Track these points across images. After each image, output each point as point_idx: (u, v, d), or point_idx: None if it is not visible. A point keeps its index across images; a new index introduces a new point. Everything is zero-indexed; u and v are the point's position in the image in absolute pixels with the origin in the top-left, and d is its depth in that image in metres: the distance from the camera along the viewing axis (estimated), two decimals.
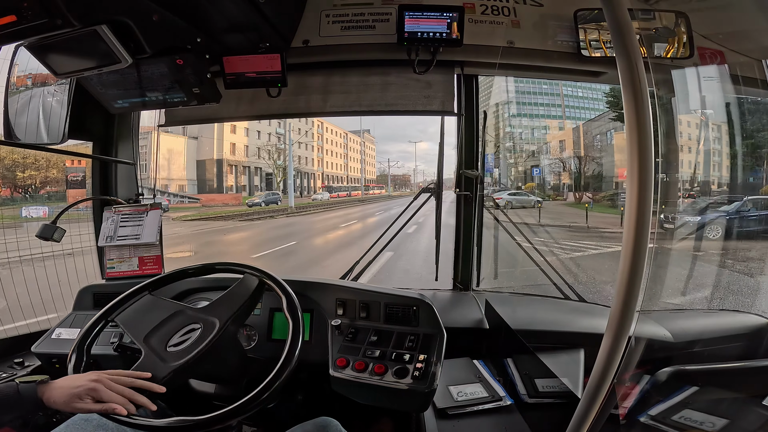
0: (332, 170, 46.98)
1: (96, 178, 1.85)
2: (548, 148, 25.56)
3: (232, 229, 16.23)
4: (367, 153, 62.33)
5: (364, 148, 58.65)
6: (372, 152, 67.54)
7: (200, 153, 30.26)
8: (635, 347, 0.68)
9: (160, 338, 1.08)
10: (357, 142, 56.08)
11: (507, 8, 1.62)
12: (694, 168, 1.72)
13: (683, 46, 1.43)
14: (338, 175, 48.15)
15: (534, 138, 26.91)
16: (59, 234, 1.60)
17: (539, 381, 1.33)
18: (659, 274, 1.06)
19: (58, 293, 1.98)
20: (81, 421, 1.04)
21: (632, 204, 0.55)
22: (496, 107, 26.16)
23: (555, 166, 23.88)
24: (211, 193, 29.60)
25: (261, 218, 20.32)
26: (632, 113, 0.54)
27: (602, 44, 1.55)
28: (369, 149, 64.14)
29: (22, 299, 2.28)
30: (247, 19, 1.33)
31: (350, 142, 52.70)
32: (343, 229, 15.69)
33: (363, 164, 54.02)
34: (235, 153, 32.17)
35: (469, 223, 1.97)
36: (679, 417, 0.84)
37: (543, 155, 25.28)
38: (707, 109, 1.56)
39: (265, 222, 19.14)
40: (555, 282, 1.87)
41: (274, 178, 34.53)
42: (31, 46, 1.15)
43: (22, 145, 1.55)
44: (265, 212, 22.30)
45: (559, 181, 23.55)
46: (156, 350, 1.06)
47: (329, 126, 45.48)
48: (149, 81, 1.41)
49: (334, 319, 1.33)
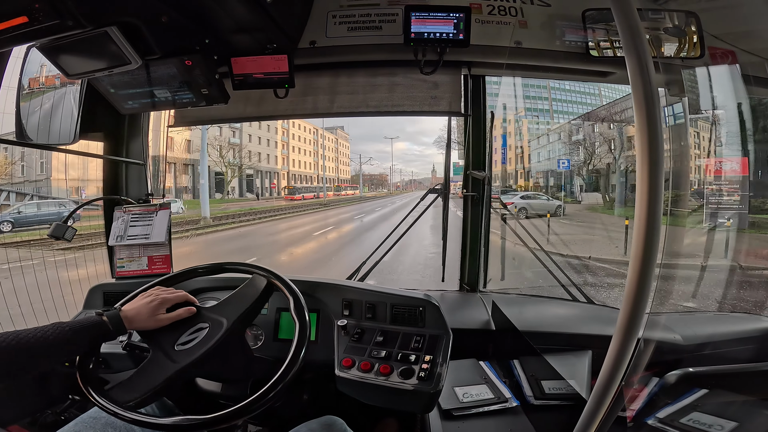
0: (302, 169, 41.62)
1: (106, 178, 1.87)
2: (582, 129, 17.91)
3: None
4: (341, 151, 58.30)
5: (338, 146, 55.41)
6: (346, 150, 61.72)
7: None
8: (644, 349, 0.68)
9: (168, 337, 1.09)
10: (331, 139, 52.60)
11: (514, 8, 1.61)
12: (704, 169, 1.70)
13: (693, 46, 1.42)
14: (308, 174, 42.86)
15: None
16: (70, 233, 1.62)
17: (546, 383, 1.32)
18: (670, 276, 1.05)
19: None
20: (90, 420, 1.05)
21: (642, 205, 0.55)
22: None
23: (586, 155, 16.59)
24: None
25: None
26: (642, 114, 0.54)
27: (611, 44, 1.54)
28: (343, 147, 59.55)
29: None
30: (254, 20, 1.33)
31: (322, 139, 48.31)
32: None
33: (321, 159, 45.84)
34: (173, 148, 25.70)
35: (476, 224, 1.96)
36: (688, 420, 0.84)
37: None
38: (718, 109, 1.54)
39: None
40: (563, 284, 1.86)
41: (224, 178, 29.55)
42: (42, 47, 1.17)
43: (34, 145, 1.58)
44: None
45: (591, 178, 16.48)
46: (164, 349, 1.07)
47: (297, 121, 36.57)
48: (159, 82, 1.42)
49: (341, 319, 1.33)
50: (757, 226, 1.57)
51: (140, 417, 0.94)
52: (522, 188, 17.51)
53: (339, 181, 53.64)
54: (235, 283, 1.40)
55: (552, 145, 18.95)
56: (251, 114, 1.89)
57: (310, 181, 42.90)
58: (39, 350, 0.89)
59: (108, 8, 1.07)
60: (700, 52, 1.42)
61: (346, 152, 61.06)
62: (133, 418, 0.94)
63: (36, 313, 1.92)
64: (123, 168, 1.89)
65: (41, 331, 0.91)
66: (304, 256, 10.38)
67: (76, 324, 0.96)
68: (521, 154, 19.36)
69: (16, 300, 1.95)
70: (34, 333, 0.90)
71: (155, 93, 1.48)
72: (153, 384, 1.00)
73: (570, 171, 17.27)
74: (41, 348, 0.89)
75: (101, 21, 1.07)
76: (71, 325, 0.95)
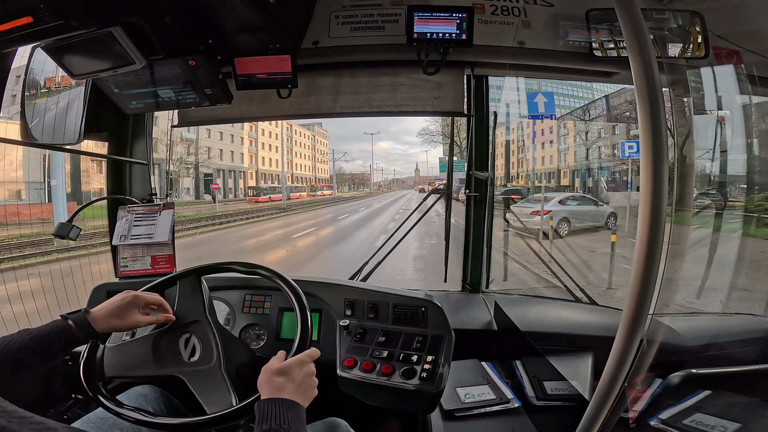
0: (273, 168, 37.82)
1: (110, 177, 1.88)
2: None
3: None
4: (318, 149, 53.26)
5: (315, 143, 50.89)
6: (324, 147, 56.30)
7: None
8: (647, 350, 0.68)
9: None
10: (307, 136, 48.79)
11: (517, 8, 1.61)
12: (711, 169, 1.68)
13: (698, 46, 1.41)
14: (279, 173, 38.32)
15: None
16: (74, 233, 1.63)
17: (548, 383, 1.32)
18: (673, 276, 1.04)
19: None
20: (97, 420, 1.05)
21: (646, 205, 0.55)
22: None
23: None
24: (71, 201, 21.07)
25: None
26: (646, 114, 0.54)
27: (615, 44, 1.53)
28: (321, 144, 54.61)
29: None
30: (257, 20, 1.34)
31: (297, 136, 45.02)
32: None
33: (280, 156, 39.12)
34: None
35: (478, 224, 1.96)
36: (691, 421, 0.83)
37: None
38: (723, 109, 1.53)
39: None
40: (566, 285, 1.86)
41: (172, 177, 24.29)
42: (47, 47, 1.17)
43: (39, 145, 1.58)
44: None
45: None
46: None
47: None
48: (163, 82, 1.43)
49: (343, 319, 1.33)
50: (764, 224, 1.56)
51: (142, 417, 0.95)
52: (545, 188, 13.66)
53: (316, 181, 49.36)
54: (235, 282, 1.41)
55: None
56: (254, 114, 1.89)
57: (279, 180, 38.16)
58: (3, 363, 0.83)
59: (112, 9, 1.08)
60: (705, 52, 1.41)
61: (324, 149, 56.23)
62: (135, 418, 0.94)
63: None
64: (127, 168, 1.90)
65: (4, 342, 0.86)
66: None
67: (37, 332, 0.90)
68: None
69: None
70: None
71: (159, 93, 1.48)
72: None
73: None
74: (6, 361, 0.84)
75: (105, 21, 1.08)
76: (33, 334, 0.89)
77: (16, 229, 8.51)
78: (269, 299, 1.46)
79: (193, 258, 9.21)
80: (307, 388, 0.89)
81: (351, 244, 11.27)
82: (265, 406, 0.79)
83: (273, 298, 1.46)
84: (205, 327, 1.12)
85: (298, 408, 0.81)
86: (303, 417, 0.81)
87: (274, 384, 0.85)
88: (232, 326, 1.44)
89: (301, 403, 0.83)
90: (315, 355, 0.97)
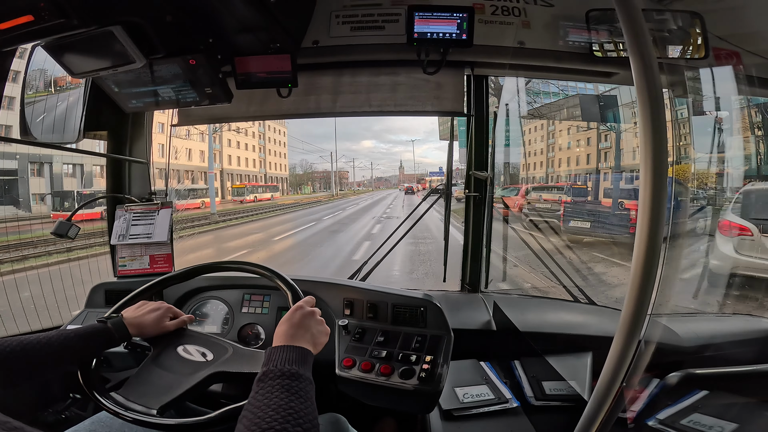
0: (243, 167, 35.31)
1: (110, 176, 1.87)
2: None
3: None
4: (277, 140, 46.58)
5: (266, 131, 42.92)
6: (283, 138, 48.82)
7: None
8: (645, 350, 0.68)
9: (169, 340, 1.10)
10: (278, 131, 45.15)
11: (517, 9, 1.61)
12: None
13: (698, 47, 1.41)
14: (250, 173, 35.66)
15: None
16: (74, 231, 1.63)
17: (546, 383, 1.32)
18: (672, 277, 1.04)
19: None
20: (107, 419, 1.04)
21: (645, 206, 0.55)
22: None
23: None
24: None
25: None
26: (646, 114, 0.54)
27: (615, 45, 1.54)
28: (279, 134, 47.40)
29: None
30: (257, 19, 1.34)
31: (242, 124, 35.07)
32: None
33: (207, 151, 28.18)
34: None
35: (477, 224, 1.96)
36: (688, 421, 0.84)
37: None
38: (722, 110, 1.54)
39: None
40: (565, 285, 1.86)
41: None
42: (47, 46, 1.17)
43: (38, 143, 1.58)
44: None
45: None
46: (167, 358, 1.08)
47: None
48: (163, 81, 1.43)
49: (342, 319, 1.33)
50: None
51: (141, 417, 0.94)
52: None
53: (257, 180, 38.53)
54: (234, 282, 1.41)
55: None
56: (254, 113, 1.89)
57: (255, 180, 35.77)
58: (44, 358, 0.88)
59: (113, 7, 1.08)
60: (705, 53, 1.41)
61: (282, 140, 49.05)
62: (134, 418, 0.94)
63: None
64: (126, 166, 1.89)
65: (45, 338, 0.90)
66: None
67: (81, 331, 0.96)
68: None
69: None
70: (38, 340, 0.89)
71: (159, 92, 1.48)
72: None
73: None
74: (46, 355, 0.88)
75: (106, 20, 1.08)
76: (77, 333, 0.95)
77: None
78: (268, 299, 1.46)
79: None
80: (314, 334, 0.92)
81: None
82: (270, 351, 0.83)
83: (272, 297, 1.46)
84: (183, 332, 1.13)
85: (302, 351, 0.83)
86: (308, 360, 0.83)
87: (279, 334, 0.90)
88: (231, 325, 1.44)
89: (309, 348, 0.86)
90: (310, 300, 1.03)
